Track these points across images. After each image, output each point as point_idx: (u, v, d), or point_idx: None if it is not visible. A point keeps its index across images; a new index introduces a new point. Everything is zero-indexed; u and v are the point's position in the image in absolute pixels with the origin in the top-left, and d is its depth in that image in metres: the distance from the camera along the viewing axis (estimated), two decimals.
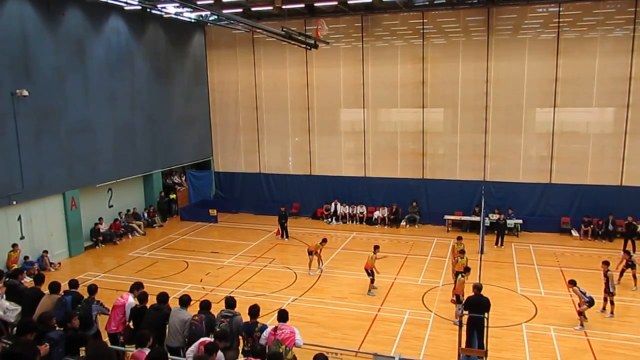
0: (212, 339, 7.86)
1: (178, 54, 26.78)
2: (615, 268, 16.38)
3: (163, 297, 9.41)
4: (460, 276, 14.43)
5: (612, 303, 14.71)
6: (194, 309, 9.27)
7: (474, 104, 24.41)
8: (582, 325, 13.95)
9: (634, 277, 16.85)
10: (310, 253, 18.51)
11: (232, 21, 19.95)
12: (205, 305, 9.05)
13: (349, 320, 14.53)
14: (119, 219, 23.63)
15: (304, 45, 21.44)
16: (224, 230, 25.13)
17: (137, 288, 9.96)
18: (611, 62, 22.46)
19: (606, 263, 14.89)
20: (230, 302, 9.11)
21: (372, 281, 16.54)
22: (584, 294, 13.94)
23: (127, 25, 23.13)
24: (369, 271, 16.44)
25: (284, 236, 23.08)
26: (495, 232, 22.00)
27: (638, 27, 21.92)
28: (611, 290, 14.64)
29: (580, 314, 14.02)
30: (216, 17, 24.45)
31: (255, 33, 26.26)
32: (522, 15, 23.43)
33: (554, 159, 23.88)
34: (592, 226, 22.74)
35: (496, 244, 21.82)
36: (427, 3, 24.30)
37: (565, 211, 23.80)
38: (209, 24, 26.98)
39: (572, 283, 14.24)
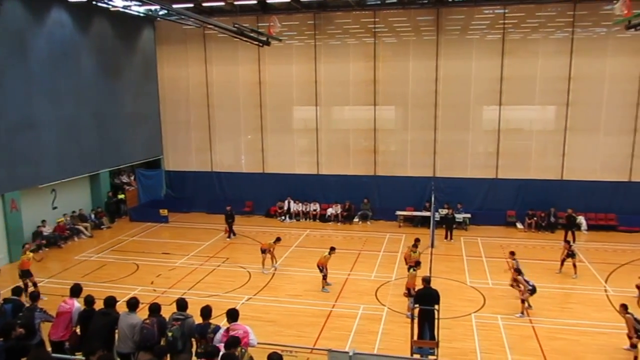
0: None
1: (126, 49, 25.94)
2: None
3: (110, 301, 9.06)
4: (411, 270, 14.67)
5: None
6: (144, 313, 8.99)
7: (424, 102, 24.87)
8: (522, 313, 14.50)
9: (574, 265, 17.69)
10: (263, 251, 18.37)
11: (182, 16, 19.47)
12: (155, 309, 8.78)
13: (303, 317, 14.52)
14: (64, 221, 22.69)
15: (257, 42, 21.27)
16: (175, 230, 24.59)
17: (78, 291, 9.56)
18: (552, 63, 23.40)
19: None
20: (181, 304, 8.87)
21: (325, 277, 16.58)
22: (528, 282, 14.48)
23: (72, 18, 22.17)
24: (321, 267, 16.47)
25: (231, 235, 22.76)
26: (444, 226, 22.51)
27: (577, 30, 22.96)
28: None
29: (524, 301, 14.55)
30: (166, 11, 23.75)
31: (206, 29, 25.75)
32: (470, 16, 24.05)
33: (500, 154, 24.68)
34: (535, 219, 23.67)
35: (446, 237, 22.34)
36: (378, 2, 24.55)
37: (511, 205, 24.63)
38: (158, 18, 26.26)
39: (518, 272, 14.76)
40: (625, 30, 19.69)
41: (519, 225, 24.09)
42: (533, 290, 14.47)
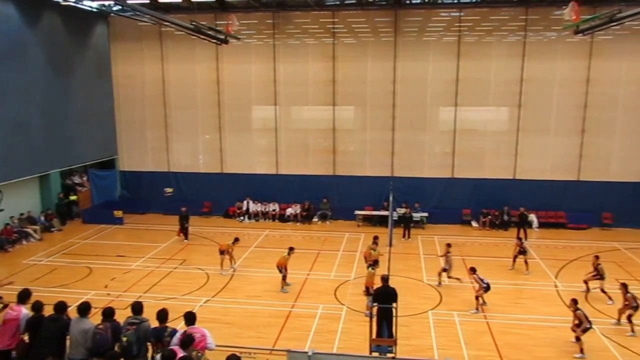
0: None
1: (78, 45, 25.08)
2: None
3: (61, 307, 8.73)
4: (370, 269, 14.80)
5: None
6: (97, 318, 8.73)
7: (382, 103, 25.16)
8: (477, 309, 14.90)
9: (526, 262, 18.33)
10: (222, 252, 18.15)
11: (138, 12, 19.00)
12: (109, 313, 8.52)
13: (263, 318, 14.44)
14: (11, 223, 21.76)
15: (214, 41, 20.99)
16: (130, 232, 24.01)
17: (26, 297, 9.18)
18: (505, 65, 24.12)
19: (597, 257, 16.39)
20: (136, 308, 8.65)
21: (284, 278, 16.54)
22: (482, 280, 14.88)
23: (19, 12, 21.24)
24: (280, 268, 16.41)
25: (186, 237, 22.23)
26: (402, 225, 22.84)
27: (529, 34, 23.73)
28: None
29: (477, 298, 14.95)
30: (120, 7, 23.16)
31: (163, 26, 25.19)
32: (427, 18, 24.49)
33: (456, 154, 25.23)
34: (489, 217, 24.32)
35: (404, 236, 22.67)
36: (337, 3, 24.69)
37: (466, 204, 25.24)
38: (112, 14, 25.58)
39: (473, 270, 15.15)
40: (574, 35, 20.45)
41: (474, 224, 24.72)
42: (487, 288, 14.88)
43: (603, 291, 15.83)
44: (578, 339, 12.41)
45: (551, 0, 22.53)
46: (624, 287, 13.77)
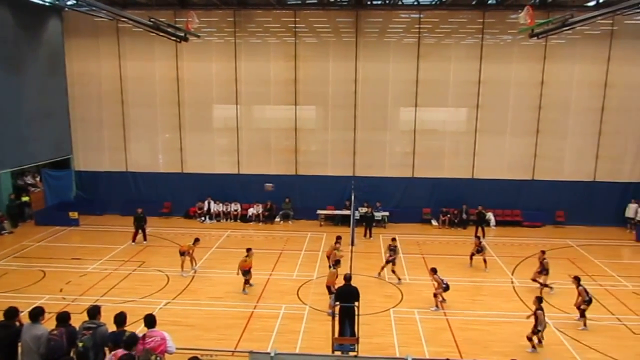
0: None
1: (30, 40, 24.13)
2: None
3: (11, 313, 8.39)
4: (331, 268, 14.85)
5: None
6: (51, 323, 8.44)
7: (343, 102, 25.31)
8: (437, 306, 15.18)
9: (484, 260, 18.76)
10: (182, 254, 17.86)
11: (93, 8, 18.47)
12: (64, 318, 8.24)
13: (225, 320, 14.29)
14: None
15: (174, 38, 20.66)
16: (87, 234, 23.33)
17: None
18: (464, 67, 24.65)
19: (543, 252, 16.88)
20: (93, 312, 8.40)
21: (247, 281, 16.39)
22: (442, 280, 15.16)
23: None
24: (244, 271, 16.26)
25: (144, 239, 21.79)
26: (364, 224, 23.03)
27: (486, 37, 24.33)
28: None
29: (436, 296, 15.26)
30: (75, 1, 22.49)
31: (120, 22, 24.58)
32: (388, 19, 24.76)
33: (416, 154, 25.62)
34: (449, 216, 24.81)
35: (365, 235, 22.87)
36: (299, 2, 24.68)
37: (426, 203, 25.69)
38: (66, 9, 24.78)
39: (433, 271, 15.40)
40: (528, 39, 21.13)
41: (434, 222, 25.18)
42: (446, 289, 15.18)
43: (544, 285, 16.51)
44: (533, 334, 12.74)
45: (507, 5, 23.15)
46: (576, 280, 14.26)
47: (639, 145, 24.60)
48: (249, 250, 16.58)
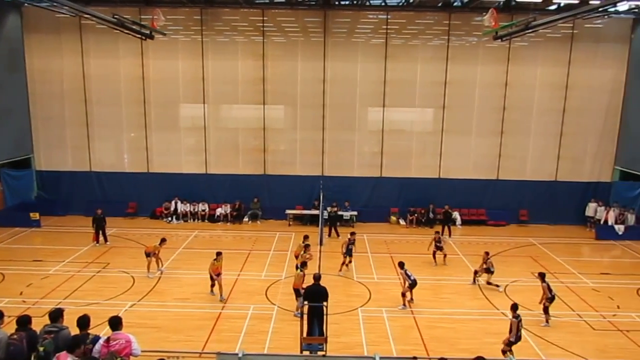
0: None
1: None
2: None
3: None
4: (298, 270, 14.75)
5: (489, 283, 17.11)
6: (11, 327, 8.20)
7: (312, 102, 25.35)
8: (404, 305, 15.37)
9: (444, 256, 19.46)
10: (148, 255, 17.61)
11: (54, 3, 17.98)
12: (24, 321, 8.02)
13: (192, 321, 14.15)
14: None
15: (139, 35, 20.30)
16: (48, 235, 22.75)
17: None
18: (430, 68, 25.03)
19: (487, 253, 17.28)
20: (54, 315, 8.19)
21: (213, 286, 16.01)
22: (409, 276, 15.33)
23: None
24: (212, 275, 15.91)
25: (106, 240, 21.38)
26: (328, 224, 23.16)
27: (452, 38, 24.75)
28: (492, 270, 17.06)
29: (404, 295, 15.43)
30: None
31: (83, 18, 23.97)
32: (355, 20, 24.92)
33: (384, 154, 25.87)
34: (416, 215, 25.14)
35: (329, 235, 22.95)
36: (266, 1, 24.58)
37: (394, 202, 25.96)
38: (26, 4, 24.02)
39: (400, 266, 15.60)
40: (493, 41, 21.58)
41: (402, 222, 25.46)
42: (413, 284, 15.34)
43: (489, 283, 17.11)
44: (506, 345, 12.26)
45: (472, 7, 23.60)
46: (541, 276, 14.63)
47: (598, 146, 25.45)
48: (218, 254, 16.08)
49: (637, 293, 16.99)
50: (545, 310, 14.36)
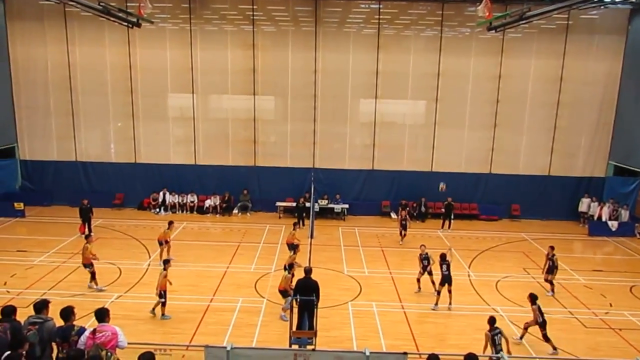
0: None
1: None
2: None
3: None
4: (286, 272, 14.52)
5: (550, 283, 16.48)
6: None
7: (303, 93, 25.31)
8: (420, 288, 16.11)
9: (403, 235, 20.70)
10: (161, 243, 17.87)
11: None
12: (9, 312, 8.02)
13: (179, 313, 14.15)
14: None
15: (125, 23, 20.16)
16: (33, 225, 22.66)
17: None
18: (423, 59, 25.03)
19: (551, 247, 16.63)
20: (39, 306, 8.19)
21: (164, 304, 13.96)
22: (425, 266, 15.99)
23: None
24: (161, 292, 14.00)
25: (90, 231, 21.05)
26: (305, 215, 23.31)
27: (445, 29, 24.75)
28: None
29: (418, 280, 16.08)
30: None
31: (67, 6, 23.62)
32: (347, 9, 24.87)
33: (376, 147, 25.91)
34: (408, 209, 25.22)
35: (300, 225, 22.78)
36: None
37: (385, 195, 26.06)
38: None
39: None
40: (486, 32, 21.66)
41: (393, 215, 25.55)
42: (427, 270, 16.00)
43: (550, 282, 16.54)
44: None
45: None
46: (532, 298, 13.03)
47: (592, 140, 25.59)
48: (166, 262, 14.61)
49: (630, 291, 17.10)
50: (546, 339, 12.77)
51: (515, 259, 19.99)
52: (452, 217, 24.00)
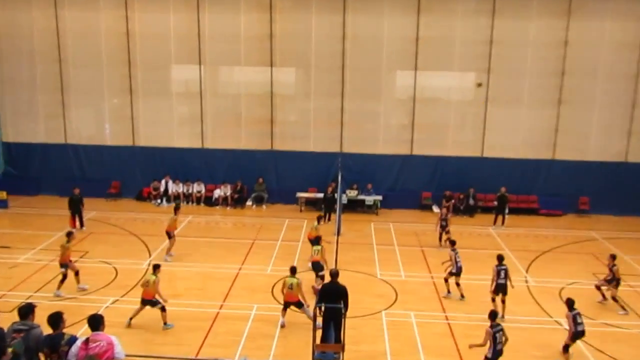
0: None
1: None
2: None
3: None
4: (296, 281, 14.32)
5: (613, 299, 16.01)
6: None
7: (329, 64, 25.22)
8: (448, 291, 16.08)
9: (440, 238, 20.52)
10: (170, 236, 18.27)
11: None
12: None
13: (184, 321, 14.28)
14: None
15: None
16: (17, 217, 23.21)
17: None
18: (473, 23, 24.68)
19: (612, 257, 16.21)
20: (24, 312, 8.36)
21: (164, 309, 13.98)
22: (457, 261, 15.92)
23: None
24: (153, 300, 14.07)
25: (82, 225, 21.70)
26: (323, 206, 23.55)
27: None
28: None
29: (447, 280, 16.04)
30: None
31: None
32: None
33: (415, 127, 25.72)
34: (453, 201, 24.98)
35: (326, 220, 23.05)
36: None
37: (426, 185, 25.91)
38: None
39: (452, 243, 16.56)
40: None
41: (435, 209, 25.32)
42: (458, 272, 16.02)
43: (615, 300, 16.01)
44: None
45: None
46: (568, 304, 13.30)
47: None
48: (156, 267, 14.17)
49: None
50: (565, 349, 13.09)
51: (583, 262, 19.64)
52: (507, 211, 23.71)
